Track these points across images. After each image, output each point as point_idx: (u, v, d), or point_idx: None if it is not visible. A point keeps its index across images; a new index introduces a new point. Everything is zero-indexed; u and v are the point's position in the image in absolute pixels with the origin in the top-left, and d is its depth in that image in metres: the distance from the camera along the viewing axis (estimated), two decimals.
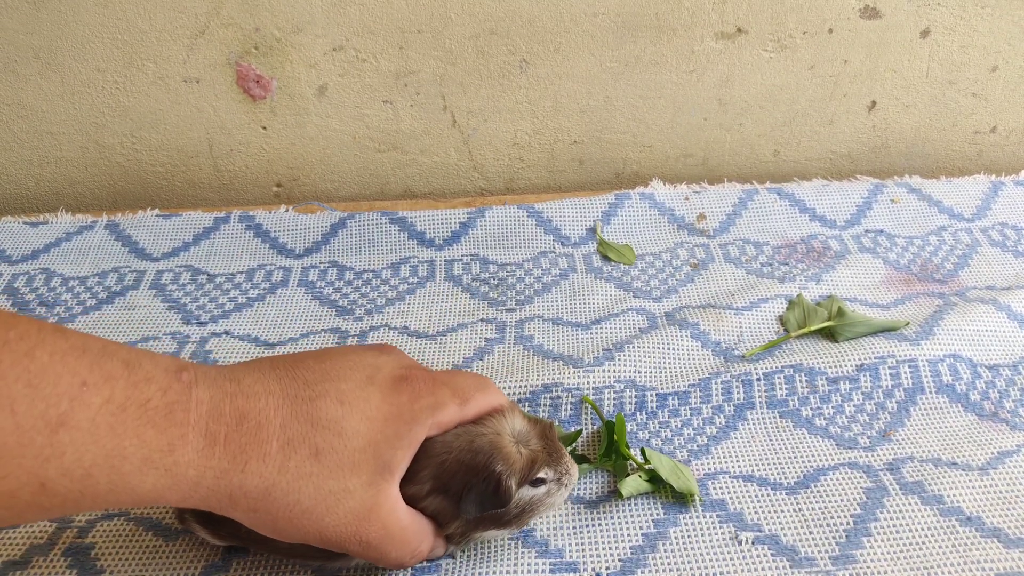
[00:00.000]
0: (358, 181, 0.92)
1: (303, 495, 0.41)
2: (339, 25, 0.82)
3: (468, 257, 0.79)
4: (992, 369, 0.64)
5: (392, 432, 0.44)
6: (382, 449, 0.43)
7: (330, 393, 0.43)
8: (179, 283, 0.76)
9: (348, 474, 0.42)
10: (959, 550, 0.51)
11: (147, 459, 0.38)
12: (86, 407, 0.36)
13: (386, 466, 0.43)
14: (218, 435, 0.40)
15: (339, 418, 0.43)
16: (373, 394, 0.44)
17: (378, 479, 0.43)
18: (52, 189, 0.91)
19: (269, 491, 0.41)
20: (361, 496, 0.42)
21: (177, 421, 0.39)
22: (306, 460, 0.41)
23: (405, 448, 0.44)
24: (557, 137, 0.90)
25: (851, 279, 0.75)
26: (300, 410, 0.42)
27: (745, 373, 0.63)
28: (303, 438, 0.42)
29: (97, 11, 0.80)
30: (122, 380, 0.38)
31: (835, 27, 0.85)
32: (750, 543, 0.51)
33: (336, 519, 0.42)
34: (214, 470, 0.40)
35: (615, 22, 0.83)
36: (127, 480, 0.37)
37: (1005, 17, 0.85)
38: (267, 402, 0.42)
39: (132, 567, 0.51)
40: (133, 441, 0.37)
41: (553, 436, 0.50)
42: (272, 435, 0.41)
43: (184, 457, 0.39)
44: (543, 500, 0.49)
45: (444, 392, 0.47)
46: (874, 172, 0.94)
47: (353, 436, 0.43)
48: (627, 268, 0.77)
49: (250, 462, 0.40)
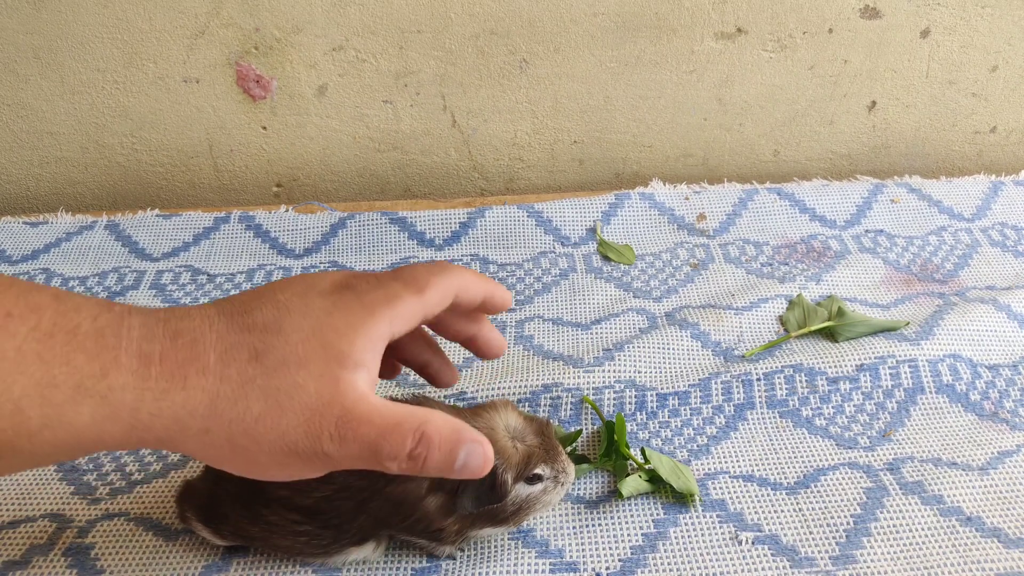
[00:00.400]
0: (358, 181, 0.92)
1: (251, 400, 0.38)
2: (339, 25, 0.82)
3: (468, 257, 0.79)
4: (992, 369, 0.64)
5: (341, 323, 0.40)
6: (330, 339, 0.40)
7: (266, 303, 0.41)
8: (179, 283, 0.76)
9: (295, 368, 0.39)
10: (959, 550, 0.51)
11: (79, 385, 0.36)
12: (11, 336, 0.35)
13: (341, 356, 0.39)
14: (152, 355, 0.38)
15: (276, 319, 0.40)
16: (313, 298, 0.41)
17: (334, 369, 0.39)
18: (52, 189, 0.91)
19: (214, 403, 0.38)
20: (316, 388, 0.39)
21: (108, 345, 0.37)
22: (247, 364, 0.39)
23: (362, 339, 0.40)
24: (557, 137, 0.90)
25: (851, 279, 0.75)
26: (235, 322, 0.40)
27: (745, 373, 0.63)
28: (240, 344, 0.39)
29: (97, 11, 0.80)
30: (50, 310, 0.37)
31: (835, 27, 0.85)
32: (750, 543, 0.51)
33: (294, 418, 0.38)
34: (153, 391, 0.37)
35: (615, 22, 0.83)
36: (61, 412, 0.36)
37: (1005, 17, 0.85)
38: (201, 320, 0.40)
39: (132, 567, 0.51)
40: (63, 368, 0.36)
41: (550, 434, 0.50)
42: (208, 347, 0.39)
43: (119, 380, 0.37)
44: (539, 498, 0.49)
45: (394, 284, 0.43)
46: (874, 172, 0.94)
47: (293, 331, 0.40)
48: (627, 268, 0.77)
49: (189, 377, 0.38)
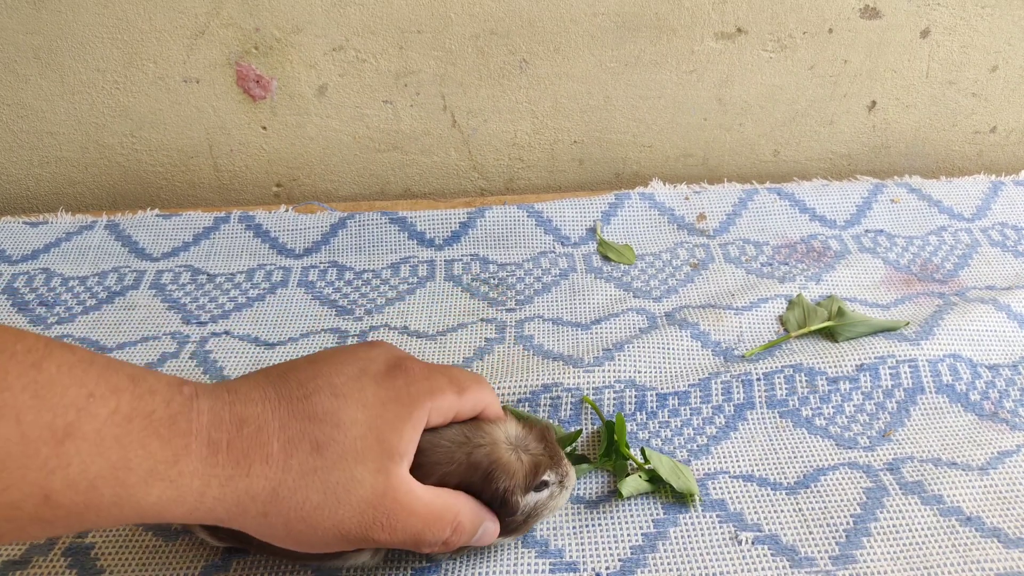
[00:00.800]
0: (358, 181, 0.92)
1: (311, 491, 0.41)
2: (339, 25, 0.82)
3: (468, 257, 0.79)
4: (992, 369, 0.64)
5: (392, 415, 0.43)
6: (384, 433, 0.43)
7: (323, 389, 0.43)
8: (179, 283, 0.76)
9: (353, 463, 0.42)
10: (959, 550, 0.51)
11: (152, 470, 0.38)
12: (92, 418, 0.36)
13: (392, 450, 0.43)
14: (220, 442, 0.40)
15: (335, 410, 0.42)
16: (367, 384, 0.44)
17: (387, 463, 0.42)
18: (52, 189, 0.91)
19: (276, 491, 0.41)
20: (371, 483, 0.42)
21: (180, 431, 0.39)
22: (308, 456, 0.41)
23: (409, 430, 0.44)
24: (557, 137, 0.90)
25: (851, 279, 0.75)
26: (296, 408, 0.42)
27: (745, 373, 0.63)
28: (302, 435, 0.42)
29: (97, 11, 0.80)
30: (128, 392, 0.38)
31: (835, 27, 0.85)
32: (750, 543, 0.51)
33: (350, 510, 0.41)
34: (219, 477, 0.39)
35: (615, 22, 0.83)
36: (132, 492, 0.37)
37: (1005, 17, 0.85)
38: (264, 406, 0.42)
39: (132, 567, 0.51)
40: (139, 452, 0.37)
41: (552, 438, 0.50)
42: (272, 436, 0.41)
43: (188, 467, 0.39)
44: (546, 503, 0.49)
45: (440, 378, 0.46)
46: (874, 172, 0.94)
47: (351, 425, 0.42)
48: (627, 268, 0.77)
49: (254, 465, 0.40)
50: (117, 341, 0.69)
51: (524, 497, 0.47)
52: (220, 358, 0.67)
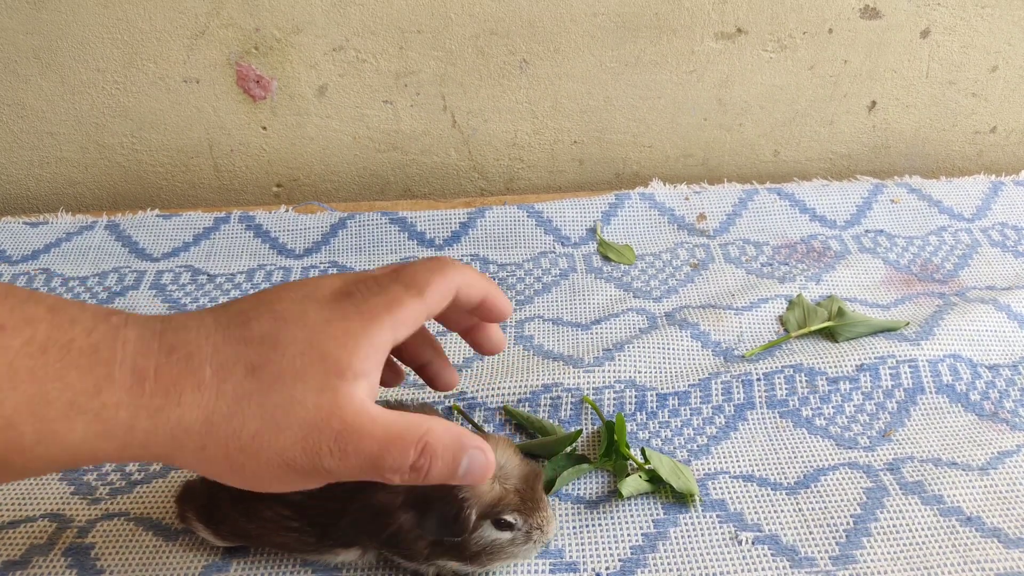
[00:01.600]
0: (358, 181, 0.92)
1: (248, 417, 0.37)
2: (339, 25, 0.82)
3: (468, 257, 0.79)
4: (992, 369, 0.64)
5: (340, 332, 0.39)
6: (328, 349, 0.38)
7: (263, 313, 0.39)
8: (179, 283, 0.76)
9: (291, 383, 0.38)
10: (959, 550, 0.51)
11: (73, 403, 0.35)
12: (3, 351, 0.34)
13: (341, 367, 0.38)
14: (147, 370, 0.37)
15: (272, 331, 0.39)
16: (310, 306, 0.40)
17: (333, 381, 0.38)
18: (52, 189, 0.91)
19: (210, 420, 0.37)
20: (314, 402, 0.38)
21: (102, 360, 0.36)
22: (243, 379, 0.37)
23: (364, 347, 0.39)
24: (557, 137, 0.90)
25: (851, 279, 0.75)
26: (231, 334, 0.39)
27: (745, 373, 0.63)
28: (236, 358, 0.38)
29: (97, 11, 0.80)
30: (44, 322, 0.36)
31: (835, 27, 0.85)
32: (750, 543, 0.51)
33: (292, 435, 0.37)
34: (147, 408, 0.36)
35: (615, 22, 0.83)
36: (54, 429, 0.35)
37: (1005, 17, 0.85)
38: (198, 332, 0.39)
39: (132, 567, 0.51)
40: (56, 384, 0.35)
41: (535, 485, 0.48)
42: (204, 362, 0.38)
43: (113, 398, 0.36)
44: (505, 547, 0.47)
45: (394, 287, 0.41)
46: (874, 172, 0.94)
47: (290, 343, 0.38)
48: (627, 268, 0.77)
49: (184, 393, 0.37)
50: None
51: (481, 522, 0.46)
52: None
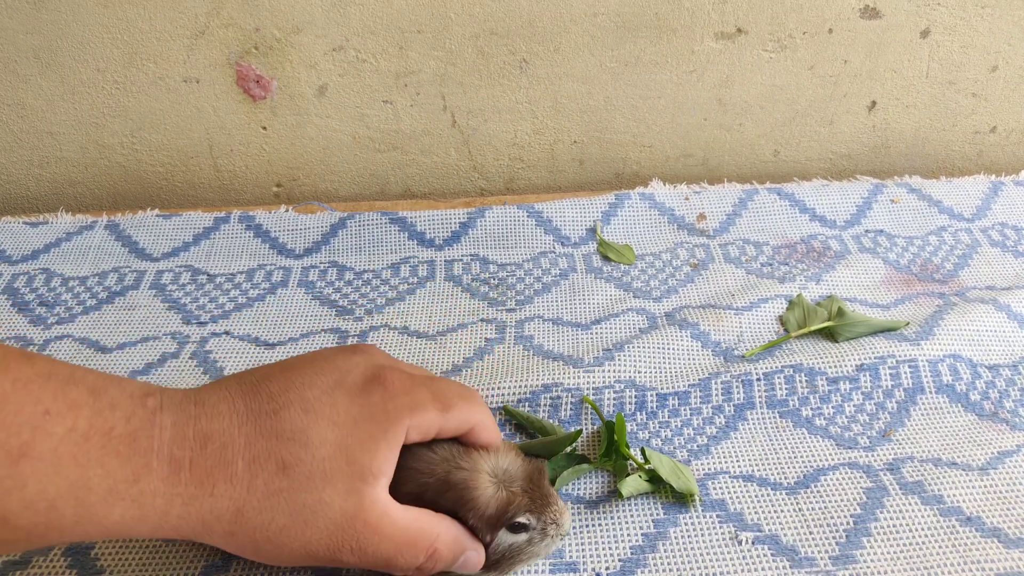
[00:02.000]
0: (358, 181, 0.92)
1: (277, 512, 0.39)
2: (339, 25, 0.82)
3: (468, 257, 0.79)
4: (992, 369, 0.64)
5: (365, 434, 0.41)
6: (355, 453, 0.41)
7: (294, 403, 0.41)
8: (179, 283, 0.76)
9: (321, 485, 0.40)
10: (959, 550, 0.51)
11: (112, 489, 0.37)
12: (49, 436, 0.35)
13: (365, 470, 0.41)
14: (183, 461, 0.38)
15: (304, 428, 0.40)
16: (340, 398, 0.42)
17: (358, 485, 0.40)
18: (52, 189, 0.91)
19: (240, 512, 0.39)
20: (340, 505, 0.40)
21: (141, 449, 0.38)
22: (274, 476, 0.39)
23: (384, 450, 0.41)
24: (557, 137, 0.90)
25: (851, 279, 0.75)
26: (264, 425, 0.40)
27: (745, 373, 0.63)
28: (268, 453, 0.40)
29: (97, 11, 0.80)
30: (87, 408, 0.37)
31: (835, 27, 0.85)
32: (750, 543, 0.51)
33: (318, 532, 0.40)
34: (182, 497, 0.38)
35: (615, 22, 0.83)
36: (93, 512, 0.36)
37: (1005, 17, 0.85)
38: (231, 421, 0.40)
39: (132, 567, 0.51)
40: (98, 471, 0.36)
41: (541, 481, 0.48)
42: (237, 454, 0.39)
43: (150, 486, 0.38)
44: (524, 548, 0.47)
45: (422, 393, 0.44)
46: (874, 172, 0.94)
47: (320, 445, 0.40)
48: (627, 268, 0.77)
49: (217, 485, 0.39)
50: (117, 341, 0.69)
51: (494, 533, 0.46)
52: (220, 358, 0.67)
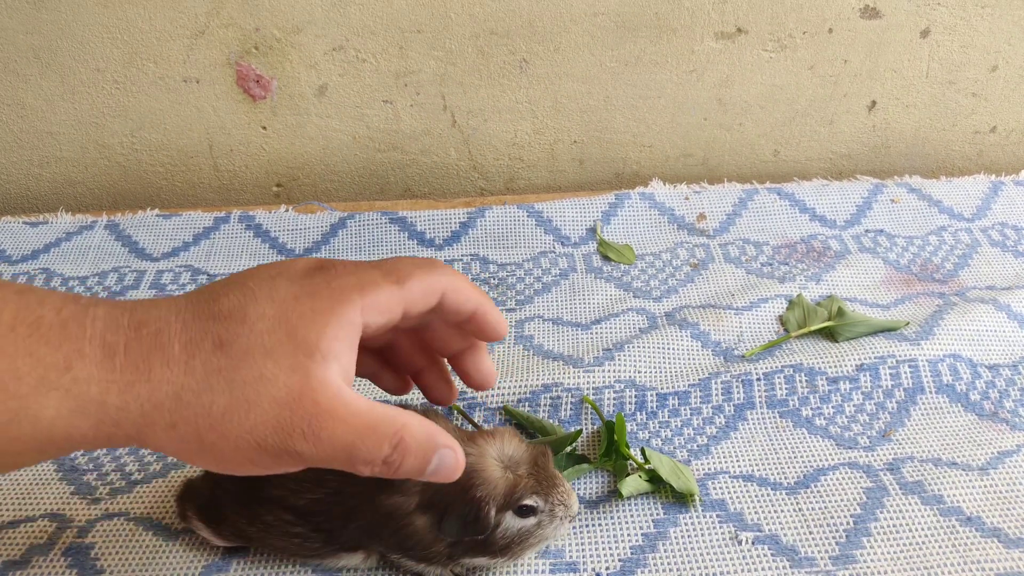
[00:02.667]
0: (358, 181, 0.92)
1: (217, 393, 0.37)
2: (339, 25, 0.82)
3: (468, 257, 0.79)
4: (992, 369, 0.64)
5: (307, 308, 0.39)
6: (297, 327, 0.38)
7: (232, 288, 0.39)
8: (179, 283, 0.76)
9: (261, 359, 0.37)
10: (959, 550, 0.51)
11: (43, 378, 0.36)
12: None
13: (310, 346, 0.38)
14: (116, 345, 0.37)
15: (241, 306, 0.38)
16: (281, 282, 0.40)
17: (304, 361, 0.37)
18: (52, 189, 0.91)
19: (179, 396, 0.37)
20: (285, 381, 0.37)
21: (71, 336, 0.37)
22: (211, 354, 0.37)
23: (333, 327, 0.38)
24: (557, 137, 0.90)
25: (851, 279, 0.75)
26: (200, 309, 0.39)
27: (745, 373, 0.63)
28: (204, 333, 0.38)
29: (97, 11, 0.80)
30: (12, 303, 0.36)
31: (835, 27, 0.85)
32: (750, 543, 0.51)
33: (263, 413, 0.37)
34: (118, 384, 0.37)
35: (615, 22, 0.83)
36: (26, 404, 0.35)
37: (1005, 17, 0.85)
38: (168, 309, 0.39)
39: (132, 567, 0.51)
40: (26, 360, 0.35)
41: (546, 463, 0.48)
42: (173, 337, 0.38)
43: (83, 372, 0.36)
44: (533, 531, 0.47)
45: (370, 272, 0.41)
46: (874, 172, 0.94)
47: (258, 319, 0.38)
48: (627, 268, 0.77)
49: (154, 369, 0.37)
50: None
51: (503, 515, 0.46)
52: None
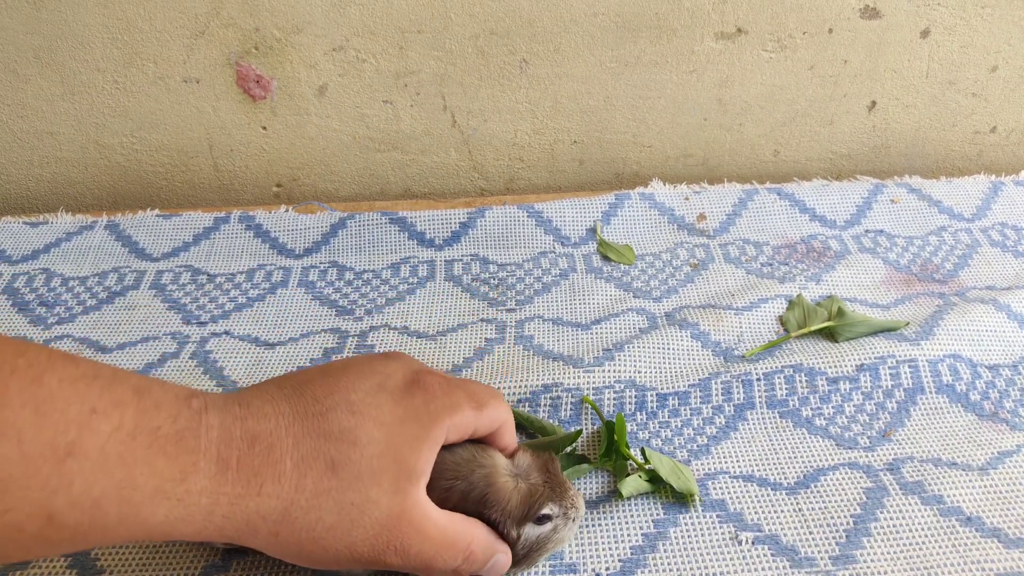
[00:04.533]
0: (358, 181, 0.92)
1: (324, 511, 0.40)
2: (339, 25, 0.82)
3: (468, 257, 0.79)
4: (992, 369, 0.64)
5: (410, 435, 0.42)
6: (402, 453, 0.42)
7: (340, 405, 0.42)
8: (179, 283, 0.76)
9: (369, 484, 0.41)
10: (959, 550, 0.51)
11: (159, 488, 0.37)
12: (95, 435, 0.35)
13: (410, 470, 0.42)
14: (230, 460, 0.39)
15: (352, 428, 0.41)
16: (385, 400, 0.43)
17: (403, 484, 0.41)
18: (52, 189, 0.91)
19: (288, 511, 0.39)
20: (387, 504, 0.41)
21: (188, 448, 0.38)
22: (323, 475, 0.40)
23: (427, 450, 0.43)
24: (557, 137, 0.90)
25: (851, 279, 0.75)
26: (311, 426, 0.41)
27: (745, 373, 0.63)
28: (317, 453, 0.40)
29: (97, 11, 0.80)
30: (132, 407, 0.37)
31: (835, 27, 0.85)
32: (750, 543, 0.51)
33: (364, 532, 0.40)
34: (228, 496, 0.38)
35: (615, 22, 0.83)
36: (138, 511, 0.36)
37: (1005, 17, 0.85)
38: (277, 422, 0.41)
39: (132, 567, 0.51)
40: (144, 470, 0.36)
41: (556, 469, 0.49)
42: (285, 454, 0.40)
43: (196, 485, 0.38)
44: (550, 537, 0.48)
45: (459, 394, 0.45)
46: (874, 172, 0.94)
47: (368, 444, 0.41)
48: (627, 268, 0.77)
49: (265, 484, 0.39)
50: (117, 341, 0.69)
51: (521, 528, 0.46)
52: (220, 358, 0.67)
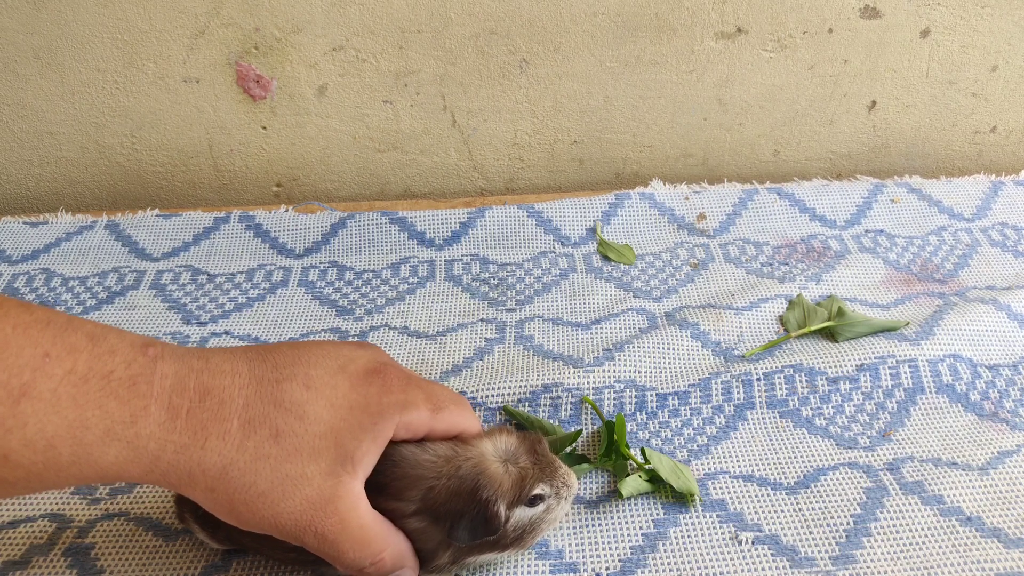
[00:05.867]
0: (358, 181, 0.92)
1: (260, 477, 0.40)
2: (339, 25, 0.82)
3: (468, 257, 0.79)
4: (992, 369, 0.64)
5: (356, 422, 0.43)
6: (344, 438, 0.42)
7: (298, 376, 0.43)
8: (179, 283, 0.76)
9: (307, 459, 0.41)
10: (959, 550, 0.51)
11: (109, 430, 0.38)
12: (48, 378, 0.36)
13: (348, 457, 0.42)
14: (180, 409, 0.40)
15: (303, 401, 0.42)
16: (342, 382, 0.43)
17: (338, 469, 0.42)
18: (52, 189, 0.91)
19: (226, 470, 0.40)
20: (319, 484, 0.41)
21: (140, 393, 0.39)
22: (265, 441, 0.41)
23: (368, 441, 0.43)
24: (557, 137, 0.90)
25: (851, 279, 0.75)
26: (265, 391, 0.42)
27: (745, 373, 0.63)
28: (264, 418, 0.41)
29: (97, 11, 0.80)
30: (85, 352, 0.38)
31: (835, 27, 0.85)
32: (750, 543, 0.51)
33: (292, 506, 0.41)
34: (174, 444, 0.39)
35: (615, 22, 0.83)
36: (90, 451, 0.37)
37: (1005, 17, 0.85)
38: (232, 380, 0.42)
39: (132, 567, 0.51)
40: (95, 412, 0.37)
41: (544, 450, 0.48)
42: (234, 413, 0.41)
43: (146, 429, 0.39)
44: (544, 517, 0.48)
45: (416, 393, 0.45)
46: (874, 172, 0.94)
47: (315, 421, 0.42)
48: (627, 268, 0.77)
49: (210, 439, 0.40)
50: None
51: (514, 511, 0.46)
52: None
